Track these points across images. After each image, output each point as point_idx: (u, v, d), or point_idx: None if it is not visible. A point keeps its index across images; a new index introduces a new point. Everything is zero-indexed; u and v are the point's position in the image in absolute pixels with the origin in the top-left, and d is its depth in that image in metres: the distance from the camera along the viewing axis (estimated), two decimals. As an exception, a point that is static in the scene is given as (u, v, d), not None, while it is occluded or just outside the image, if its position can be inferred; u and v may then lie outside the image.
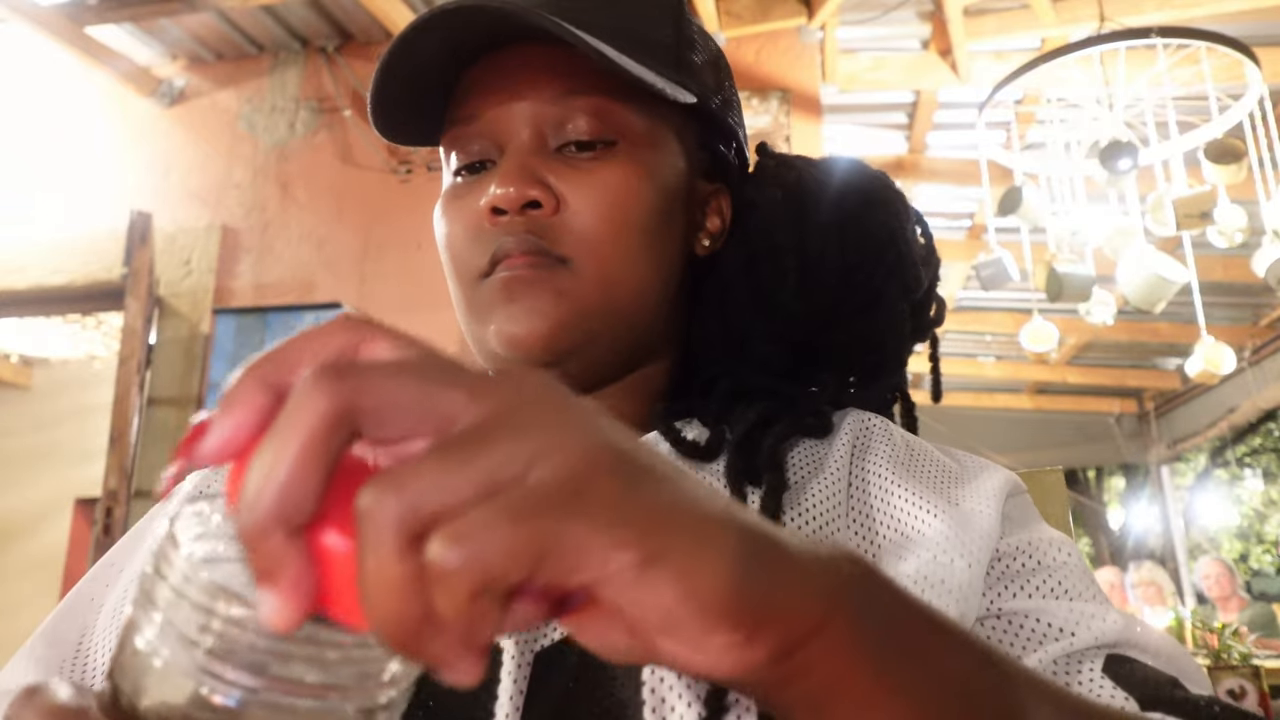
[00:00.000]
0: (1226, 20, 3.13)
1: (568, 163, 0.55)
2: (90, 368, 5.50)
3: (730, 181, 0.65)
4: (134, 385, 2.88)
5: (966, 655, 0.33)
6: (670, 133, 0.59)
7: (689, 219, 0.62)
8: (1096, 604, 0.50)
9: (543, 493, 0.24)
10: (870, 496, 0.54)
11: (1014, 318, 5.16)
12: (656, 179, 0.57)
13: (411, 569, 0.23)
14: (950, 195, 4.31)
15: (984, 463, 0.59)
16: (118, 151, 3.33)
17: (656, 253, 0.57)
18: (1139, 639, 0.48)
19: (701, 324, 0.63)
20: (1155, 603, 4.90)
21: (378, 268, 2.98)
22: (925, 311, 0.70)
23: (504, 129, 0.56)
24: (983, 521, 0.52)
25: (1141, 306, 3.13)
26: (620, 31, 0.56)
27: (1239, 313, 5.35)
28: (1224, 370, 3.47)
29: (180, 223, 3.16)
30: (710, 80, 0.63)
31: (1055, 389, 6.83)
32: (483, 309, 0.55)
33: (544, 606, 0.25)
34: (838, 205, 0.65)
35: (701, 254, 0.63)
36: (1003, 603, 0.50)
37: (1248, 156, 3.02)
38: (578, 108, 0.55)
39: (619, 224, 0.55)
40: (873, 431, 0.59)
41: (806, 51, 3.12)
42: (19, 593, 4.73)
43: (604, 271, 0.55)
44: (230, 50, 3.33)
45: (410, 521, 0.23)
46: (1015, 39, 3.38)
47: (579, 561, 0.24)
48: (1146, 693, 0.45)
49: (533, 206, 0.54)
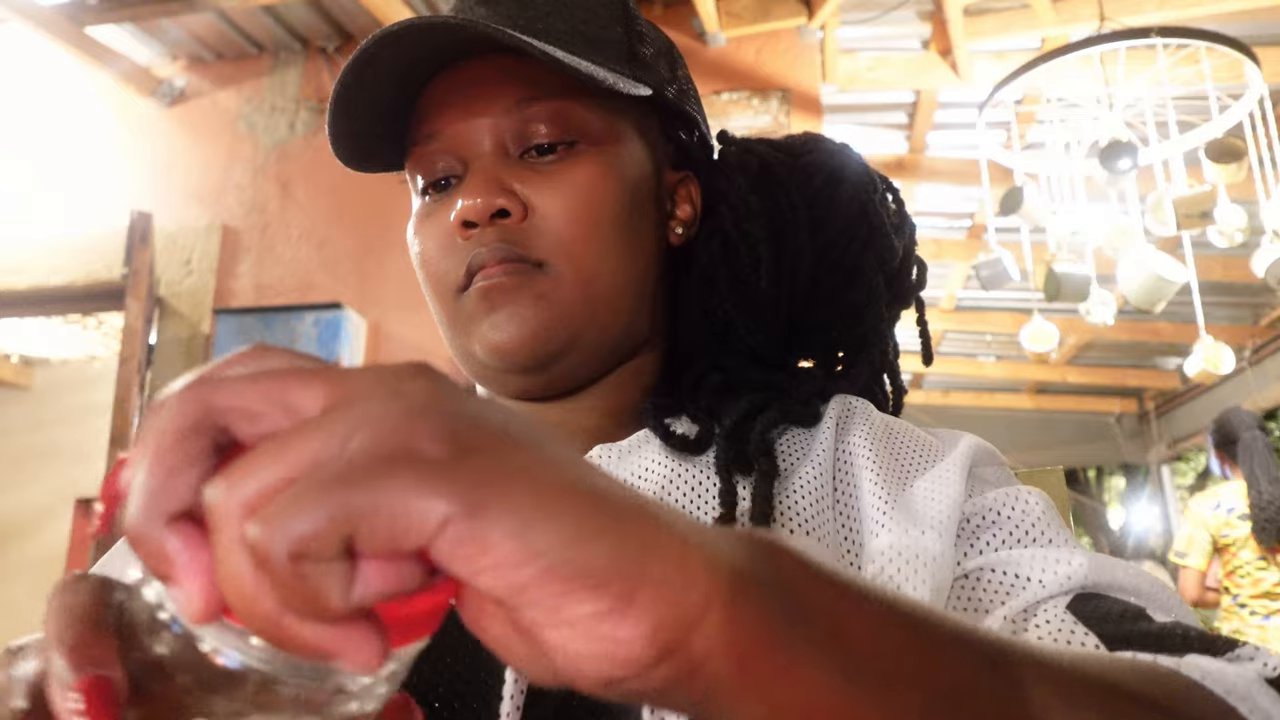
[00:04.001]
0: (1226, 20, 3.13)
1: (531, 168, 0.56)
2: (90, 368, 5.50)
3: (698, 168, 0.66)
4: (134, 385, 2.88)
5: (904, 632, 0.29)
6: (630, 127, 0.60)
7: (660, 209, 0.62)
8: (1060, 547, 0.49)
9: (355, 462, 0.23)
10: (851, 476, 0.55)
11: (1014, 318, 5.15)
12: (621, 173, 0.58)
13: (243, 554, 0.23)
14: (950, 195, 4.31)
15: (960, 435, 0.59)
16: (118, 151, 3.33)
17: (631, 246, 0.58)
18: (1106, 575, 0.47)
19: (686, 316, 0.64)
20: (1155, 602, 4.89)
21: (378, 268, 2.98)
22: (904, 278, 0.70)
23: (465, 143, 0.57)
24: (947, 489, 0.52)
25: (1141, 306, 3.13)
26: (571, 34, 0.57)
27: (1239, 313, 5.35)
28: (1224, 370, 3.47)
29: (180, 223, 3.16)
30: (664, 71, 0.64)
31: (1055, 389, 6.83)
32: (465, 322, 0.56)
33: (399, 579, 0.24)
34: (804, 185, 0.65)
35: (676, 243, 0.63)
36: (968, 562, 0.50)
37: (1248, 156, 3.02)
38: (534, 113, 0.56)
39: (589, 222, 0.56)
40: (854, 413, 0.59)
41: (806, 51, 3.12)
42: (19, 593, 4.73)
43: (580, 270, 0.55)
44: (230, 50, 3.33)
45: (239, 510, 0.23)
46: (1015, 39, 3.38)
47: (396, 523, 0.23)
48: (1110, 629, 0.44)
49: (501, 215, 0.55)
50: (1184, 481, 8.16)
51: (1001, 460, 0.58)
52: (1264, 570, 3.27)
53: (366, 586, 0.23)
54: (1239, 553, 3.32)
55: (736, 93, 3.05)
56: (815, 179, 0.65)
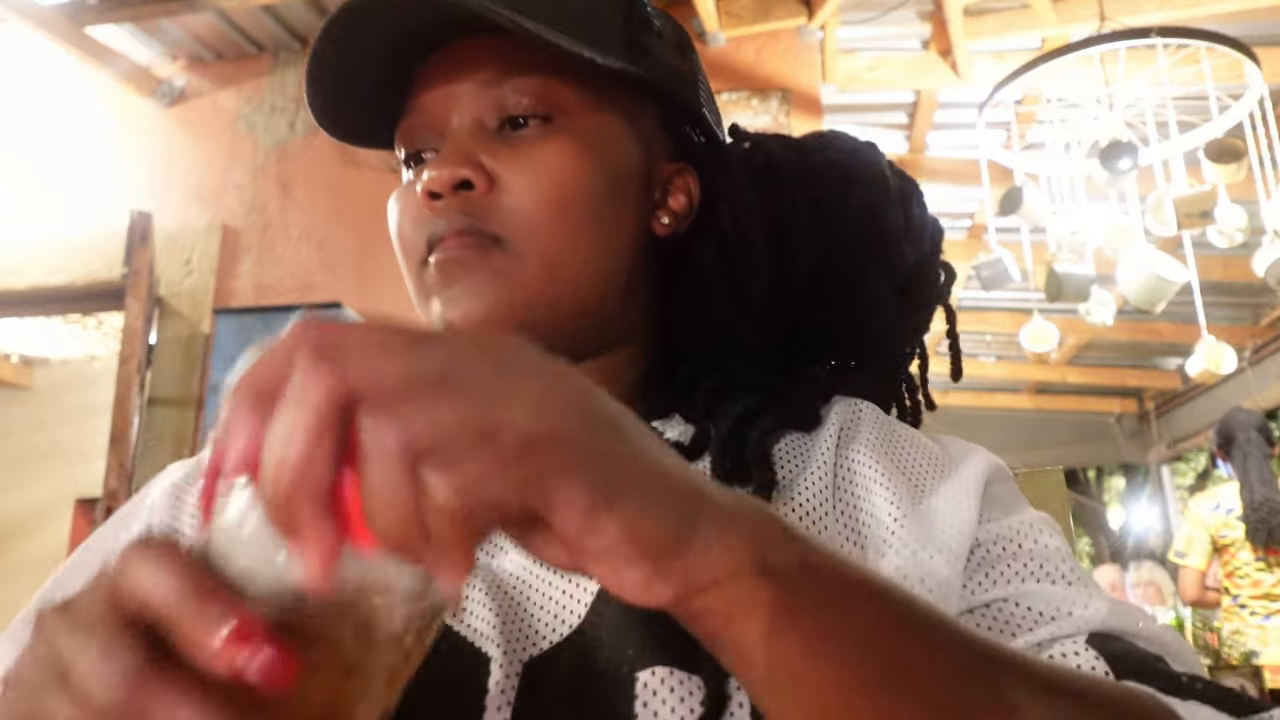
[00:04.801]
0: (1226, 20, 3.13)
1: (505, 142, 0.54)
2: (90, 368, 5.50)
3: (699, 162, 0.63)
4: (134, 385, 2.88)
5: (906, 627, 0.35)
6: (618, 112, 0.57)
7: (646, 200, 0.59)
8: (1080, 589, 0.48)
9: (527, 441, 0.28)
10: (855, 488, 0.53)
11: (1014, 318, 5.15)
12: (600, 157, 0.55)
13: (409, 490, 0.27)
14: (950, 195, 4.31)
15: (969, 447, 0.57)
16: (118, 151, 3.33)
17: (605, 233, 0.55)
18: (1126, 622, 0.46)
19: (680, 316, 0.61)
20: (1155, 603, 4.89)
21: (378, 268, 2.98)
22: (921, 288, 0.68)
23: (442, 115, 0.55)
24: (961, 512, 0.51)
25: (1141, 306, 3.13)
26: (566, 17, 0.55)
27: (1239, 313, 5.35)
28: (1224, 370, 3.47)
29: (180, 223, 3.15)
30: (671, 63, 0.61)
31: (1055, 389, 6.83)
32: (426, 295, 0.55)
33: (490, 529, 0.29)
34: (812, 184, 0.63)
35: (662, 234, 0.60)
36: (983, 592, 0.49)
37: (1248, 156, 3.02)
38: (514, 87, 0.54)
39: (556, 201, 0.53)
40: (861, 420, 0.57)
41: (806, 51, 3.12)
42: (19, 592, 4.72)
43: (543, 250, 0.52)
44: (230, 50, 3.33)
45: (407, 450, 0.27)
46: (1015, 39, 3.38)
47: (548, 502, 0.28)
48: (1126, 665, 0.43)
49: (465, 187, 0.53)
50: (1184, 482, 8.16)
51: (1010, 476, 0.57)
52: (1263, 571, 3.27)
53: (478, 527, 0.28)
54: (1238, 553, 3.32)
55: (736, 93, 3.05)
56: (824, 179, 0.63)
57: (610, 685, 0.44)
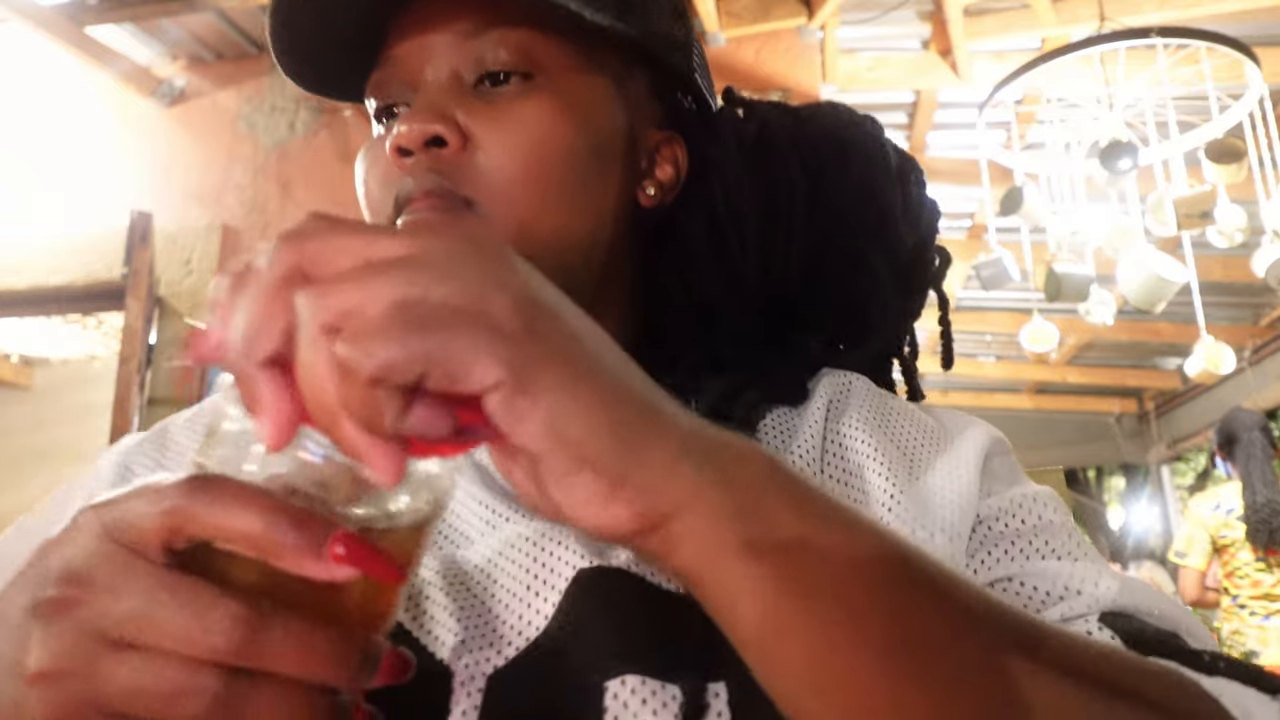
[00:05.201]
0: (1226, 20, 3.13)
1: (482, 98, 0.51)
2: (90, 367, 5.50)
3: (688, 130, 0.59)
4: (134, 385, 2.88)
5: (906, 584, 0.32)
6: (605, 74, 0.54)
7: (631, 167, 0.56)
8: (1088, 565, 0.46)
9: (441, 308, 0.27)
10: (846, 464, 0.51)
11: (1014, 318, 5.15)
12: (582, 119, 0.51)
13: (326, 360, 0.27)
14: (950, 195, 4.31)
15: (966, 419, 0.55)
16: (118, 151, 3.33)
17: (584, 200, 0.52)
18: (1138, 599, 0.45)
19: (665, 290, 0.58)
20: (1155, 603, 4.89)
21: (378, 268, 2.98)
22: (918, 270, 0.65)
23: (416, 67, 0.52)
24: (960, 487, 0.49)
25: (1141, 306, 3.13)
26: None
27: (1239, 313, 5.35)
28: (1224, 370, 3.47)
29: (180, 223, 3.15)
30: (664, 28, 0.57)
31: (1055, 389, 6.83)
32: None
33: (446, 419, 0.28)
34: (810, 158, 0.60)
35: (647, 204, 0.57)
36: (987, 571, 0.47)
37: (1248, 156, 3.02)
38: (494, 39, 0.51)
39: (533, 163, 0.49)
40: (851, 392, 0.55)
41: (806, 51, 3.12)
42: (19, 593, 4.71)
43: (516, 214, 0.49)
44: (230, 50, 3.33)
45: (327, 321, 0.27)
46: (1015, 39, 3.38)
47: (459, 372, 0.27)
48: (1144, 644, 0.41)
49: (437, 144, 0.49)
50: (1184, 482, 8.16)
51: (1009, 449, 0.55)
52: (1263, 571, 3.27)
53: (411, 421, 0.27)
54: (1238, 554, 3.32)
55: (736, 93, 3.05)
56: (822, 150, 0.60)
57: (577, 696, 0.41)
